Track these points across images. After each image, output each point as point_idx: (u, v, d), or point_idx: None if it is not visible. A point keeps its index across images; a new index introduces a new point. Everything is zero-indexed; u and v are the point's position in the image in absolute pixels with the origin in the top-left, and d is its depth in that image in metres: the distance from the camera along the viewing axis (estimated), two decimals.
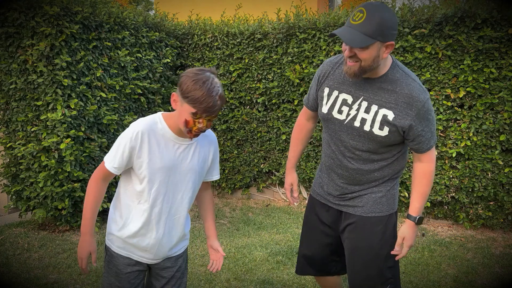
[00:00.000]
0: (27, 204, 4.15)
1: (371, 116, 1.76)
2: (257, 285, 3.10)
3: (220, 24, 5.34)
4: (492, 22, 4.00)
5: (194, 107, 1.52)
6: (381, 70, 1.74)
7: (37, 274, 3.24)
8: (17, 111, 4.06)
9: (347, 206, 1.95)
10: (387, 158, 1.86)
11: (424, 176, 1.84)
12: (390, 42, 1.63)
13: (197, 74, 1.53)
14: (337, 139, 1.89)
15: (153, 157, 1.61)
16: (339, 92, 1.84)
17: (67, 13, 3.88)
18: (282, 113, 5.09)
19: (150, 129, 1.62)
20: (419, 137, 1.77)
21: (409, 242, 1.85)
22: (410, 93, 1.71)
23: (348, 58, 1.67)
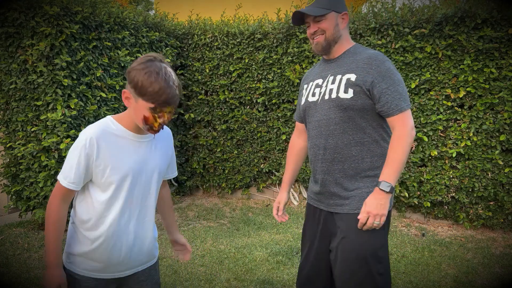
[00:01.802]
0: (27, 204, 4.15)
1: (336, 84, 1.83)
2: (257, 285, 3.10)
3: (220, 24, 5.34)
4: (492, 22, 4.00)
5: (153, 102, 1.38)
6: (344, 46, 1.90)
7: (37, 274, 3.24)
8: (17, 111, 4.06)
9: (335, 205, 1.87)
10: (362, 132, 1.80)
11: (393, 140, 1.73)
12: (344, 12, 1.88)
13: (148, 65, 1.39)
14: (314, 122, 1.91)
15: (116, 161, 1.46)
16: (312, 81, 1.98)
17: (67, 13, 3.88)
18: (282, 113, 5.08)
19: (105, 132, 1.46)
20: (384, 95, 1.74)
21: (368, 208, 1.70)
22: (369, 55, 1.80)
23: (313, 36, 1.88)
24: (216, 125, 5.46)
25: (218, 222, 4.61)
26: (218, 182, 5.59)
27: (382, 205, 1.70)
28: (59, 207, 1.48)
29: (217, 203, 5.35)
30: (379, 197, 1.71)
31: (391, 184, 1.70)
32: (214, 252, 3.71)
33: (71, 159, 1.44)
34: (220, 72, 5.34)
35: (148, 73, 1.37)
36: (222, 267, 3.39)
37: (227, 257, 3.61)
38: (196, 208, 5.14)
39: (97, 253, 1.52)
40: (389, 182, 1.70)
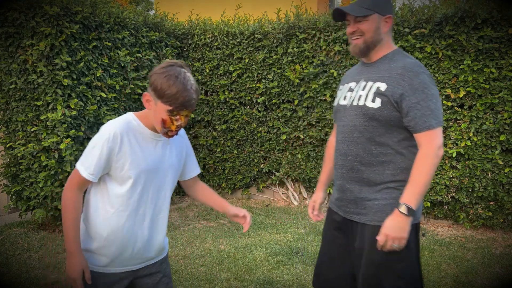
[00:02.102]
0: (27, 204, 4.14)
1: (366, 91, 1.75)
2: (257, 285, 3.10)
3: (220, 24, 5.34)
4: (492, 22, 4.00)
5: (170, 104, 1.44)
6: (383, 51, 1.79)
7: (37, 274, 3.24)
8: (17, 111, 4.06)
9: (352, 213, 1.81)
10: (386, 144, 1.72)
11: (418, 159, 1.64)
12: (388, 15, 1.76)
13: (168, 69, 1.46)
14: (341, 127, 1.84)
15: (135, 157, 1.52)
16: (347, 83, 1.90)
17: (67, 13, 3.88)
18: (282, 113, 5.08)
19: (128, 128, 1.52)
20: (412, 110, 1.64)
21: (385, 230, 1.63)
22: (404, 65, 1.70)
23: (351, 36, 1.78)
24: (216, 125, 5.46)
25: (218, 222, 4.62)
26: (218, 182, 5.59)
27: (401, 228, 1.61)
28: (76, 195, 1.51)
29: None
30: (398, 220, 1.62)
31: (411, 207, 1.61)
32: (214, 252, 3.71)
33: (93, 151, 1.48)
34: (220, 72, 5.34)
35: (167, 76, 1.43)
36: (222, 267, 3.39)
37: (227, 257, 3.61)
38: (196, 208, 5.14)
39: (111, 248, 1.55)
40: (410, 204, 1.61)
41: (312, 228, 4.38)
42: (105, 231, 1.54)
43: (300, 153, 5.07)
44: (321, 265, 1.98)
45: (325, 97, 4.82)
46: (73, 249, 1.50)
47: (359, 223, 1.78)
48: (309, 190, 5.27)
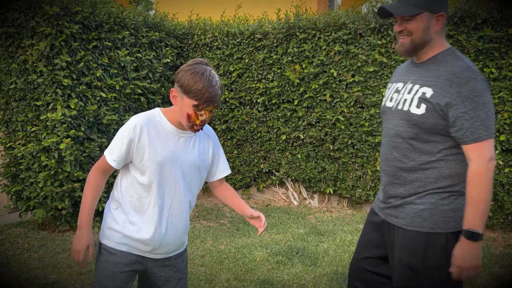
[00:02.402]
0: (27, 204, 4.14)
1: (411, 95, 1.65)
2: (257, 285, 3.10)
3: (220, 24, 5.35)
4: (492, 22, 4.00)
5: (196, 99, 1.52)
6: (433, 51, 1.66)
7: (37, 274, 3.24)
8: (17, 111, 4.06)
9: (390, 215, 1.75)
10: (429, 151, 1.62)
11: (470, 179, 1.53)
12: (441, 13, 1.62)
13: (194, 67, 1.54)
14: (386, 130, 1.77)
15: (153, 148, 1.61)
16: (395, 83, 1.81)
17: (67, 13, 3.88)
18: (282, 113, 5.09)
19: (149, 122, 1.62)
20: (460, 120, 1.52)
21: (457, 261, 1.53)
22: (453, 70, 1.55)
23: (398, 35, 1.67)
24: (216, 125, 5.46)
25: (218, 222, 4.62)
26: None
27: (474, 256, 1.51)
28: (98, 177, 1.66)
29: (217, 203, 5.35)
30: (468, 248, 1.51)
31: (478, 232, 1.50)
32: (214, 252, 3.71)
33: (117, 140, 1.62)
34: (220, 72, 5.34)
35: (194, 73, 1.52)
36: (222, 267, 3.39)
37: (227, 257, 3.61)
38: (196, 208, 5.14)
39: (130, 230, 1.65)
40: (476, 229, 1.50)
41: (312, 228, 4.38)
42: (127, 214, 1.66)
43: (300, 153, 5.07)
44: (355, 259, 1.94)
45: (325, 97, 4.82)
46: (84, 223, 1.64)
47: (396, 226, 1.72)
48: (309, 190, 5.27)
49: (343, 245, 3.92)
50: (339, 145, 4.86)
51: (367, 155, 4.74)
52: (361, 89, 4.65)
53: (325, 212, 4.95)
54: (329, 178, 5.00)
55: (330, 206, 5.18)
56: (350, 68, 4.66)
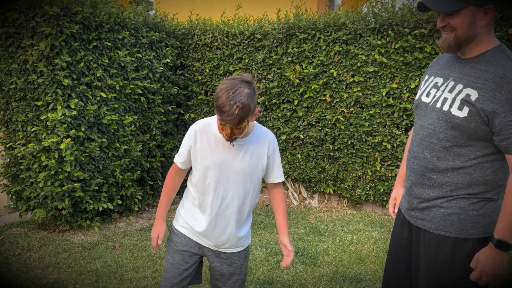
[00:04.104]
0: (27, 204, 4.15)
1: (453, 94, 1.52)
2: (257, 285, 3.10)
3: (220, 24, 5.35)
4: None
5: (218, 115, 1.59)
6: (480, 47, 1.53)
7: (37, 274, 3.24)
8: (17, 111, 4.06)
9: (416, 218, 1.69)
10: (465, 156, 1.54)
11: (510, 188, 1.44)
12: (489, 6, 1.46)
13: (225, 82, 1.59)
14: (419, 126, 1.67)
15: (204, 153, 1.77)
16: (434, 76, 1.68)
17: (67, 13, 3.89)
18: (282, 113, 5.09)
19: (203, 129, 1.78)
20: (507, 129, 1.40)
21: (482, 266, 1.48)
22: (504, 73, 1.42)
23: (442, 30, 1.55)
24: None
25: None
26: None
27: (498, 264, 1.46)
28: (173, 177, 1.93)
29: None
30: (494, 256, 1.46)
31: (509, 242, 1.43)
32: None
33: (183, 145, 1.84)
34: (220, 72, 5.34)
35: (221, 89, 1.57)
36: None
37: None
38: None
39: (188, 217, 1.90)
40: (507, 239, 1.44)
41: (312, 228, 4.38)
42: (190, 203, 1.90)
43: (300, 153, 5.07)
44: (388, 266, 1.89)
45: (325, 97, 4.83)
46: (159, 215, 1.95)
47: (422, 229, 1.66)
48: (308, 190, 5.27)
49: (343, 245, 3.92)
50: (339, 145, 4.86)
51: (367, 155, 4.74)
52: (361, 89, 4.65)
53: (325, 212, 4.95)
54: (329, 178, 5.00)
55: (330, 206, 5.18)
56: (350, 68, 4.67)
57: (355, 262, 3.54)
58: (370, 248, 3.86)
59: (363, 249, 3.84)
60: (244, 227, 1.92)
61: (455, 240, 1.57)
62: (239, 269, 1.93)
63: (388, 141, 4.58)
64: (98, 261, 3.50)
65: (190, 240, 1.90)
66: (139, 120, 4.80)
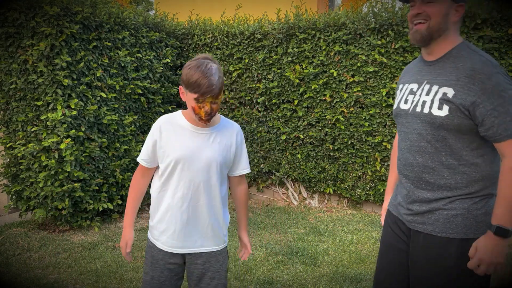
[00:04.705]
0: (27, 204, 4.15)
1: (431, 96, 1.56)
2: (257, 285, 3.10)
3: (220, 24, 5.35)
4: (492, 22, 4.00)
5: (195, 92, 1.61)
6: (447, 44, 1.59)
7: (37, 274, 3.24)
8: (17, 111, 4.06)
9: (415, 222, 1.66)
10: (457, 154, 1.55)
11: (503, 173, 1.46)
12: (461, 3, 1.55)
13: (191, 62, 1.65)
14: (404, 134, 1.69)
15: (172, 146, 1.73)
16: (408, 84, 1.72)
17: (67, 13, 3.89)
18: (282, 113, 5.09)
19: (168, 121, 1.76)
20: (489, 118, 1.44)
21: (480, 254, 1.47)
22: (472, 66, 1.48)
23: (414, 19, 1.59)
24: None
25: None
26: None
27: (498, 252, 1.45)
28: (137, 180, 1.85)
29: None
30: (494, 244, 1.44)
31: (509, 228, 1.43)
32: None
33: (145, 142, 1.80)
34: None
35: (190, 67, 1.63)
36: None
37: None
38: None
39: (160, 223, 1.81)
40: (506, 225, 1.43)
41: (312, 228, 4.38)
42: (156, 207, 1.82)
43: (300, 153, 5.07)
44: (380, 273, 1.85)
45: (325, 97, 4.83)
46: (126, 223, 1.88)
47: (423, 233, 1.63)
48: (308, 190, 5.27)
49: (343, 245, 3.92)
50: (339, 145, 4.86)
51: (367, 155, 4.74)
52: (361, 89, 4.65)
53: (325, 212, 4.95)
54: (329, 178, 5.00)
55: (330, 206, 5.18)
56: (350, 68, 4.67)
57: (355, 262, 3.54)
58: (370, 248, 3.86)
59: (363, 249, 3.84)
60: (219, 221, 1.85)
61: (460, 241, 1.56)
62: (218, 273, 1.85)
63: (388, 141, 4.58)
64: (98, 261, 3.50)
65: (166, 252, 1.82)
66: (139, 120, 4.80)
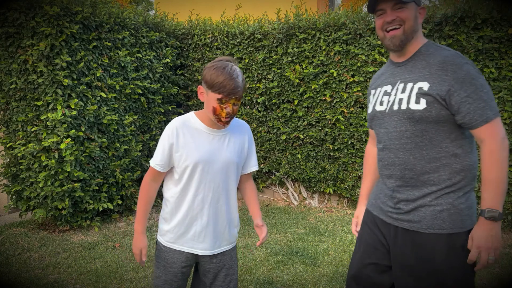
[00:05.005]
0: (27, 204, 4.15)
1: (407, 93, 1.62)
2: (257, 285, 3.10)
3: (220, 24, 5.35)
4: (492, 22, 4.00)
5: (219, 92, 1.64)
6: (417, 44, 1.69)
7: (37, 274, 3.24)
8: (17, 111, 4.06)
9: (401, 220, 1.67)
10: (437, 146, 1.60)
11: (485, 158, 1.51)
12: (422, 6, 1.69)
13: (216, 63, 1.68)
14: (383, 134, 1.73)
15: (190, 149, 1.73)
16: (381, 87, 1.79)
17: (67, 13, 3.89)
18: (282, 113, 5.09)
19: (183, 124, 1.76)
20: (464, 105, 1.51)
21: (477, 242, 1.49)
22: (443, 59, 1.57)
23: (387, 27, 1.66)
24: None
25: None
26: None
27: (493, 236, 1.48)
28: (149, 185, 1.81)
29: None
30: (488, 228, 1.48)
31: (497, 210, 1.47)
32: None
33: (159, 146, 1.76)
34: None
35: (215, 68, 1.65)
36: None
37: None
38: None
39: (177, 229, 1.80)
40: (495, 208, 1.47)
41: (312, 228, 4.38)
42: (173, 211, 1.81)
43: (300, 153, 5.07)
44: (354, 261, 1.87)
45: (325, 97, 4.83)
46: (139, 229, 1.82)
47: (410, 231, 1.64)
48: (308, 190, 5.27)
49: (343, 245, 3.92)
50: (339, 145, 4.86)
51: None
52: (361, 89, 4.65)
53: (325, 212, 4.95)
54: (329, 178, 5.00)
55: (330, 206, 5.18)
56: (350, 68, 4.67)
57: None
58: None
59: None
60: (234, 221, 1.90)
61: (448, 236, 1.58)
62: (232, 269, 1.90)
63: None
64: (98, 261, 3.51)
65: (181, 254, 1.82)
66: (139, 120, 4.80)
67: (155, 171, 1.79)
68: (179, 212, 1.80)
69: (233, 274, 1.90)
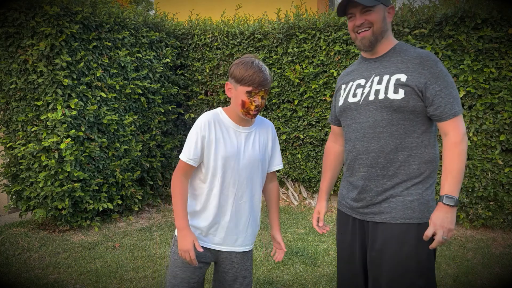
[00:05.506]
0: (27, 204, 4.15)
1: (384, 84, 1.71)
2: (257, 285, 3.10)
3: (220, 24, 5.35)
4: (492, 22, 4.00)
5: (249, 85, 1.69)
6: (389, 43, 1.78)
7: (37, 274, 3.24)
8: (17, 111, 4.06)
9: (372, 214, 1.74)
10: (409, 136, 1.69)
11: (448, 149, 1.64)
12: (391, 5, 1.78)
13: (243, 59, 1.74)
14: (357, 124, 1.78)
15: (219, 144, 1.75)
16: (353, 81, 1.85)
17: (67, 13, 3.89)
18: (282, 113, 5.09)
19: (215, 119, 1.78)
20: (437, 98, 1.63)
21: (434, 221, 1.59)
22: (419, 55, 1.68)
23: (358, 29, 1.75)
24: None
25: None
26: None
27: (448, 218, 1.59)
28: (182, 181, 1.77)
29: None
30: (444, 211, 1.59)
31: (454, 197, 1.59)
32: None
33: (190, 140, 1.76)
34: (220, 72, 5.34)
35: (244, 63, 1.72)
36: None
37: None
38: None
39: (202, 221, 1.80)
40: (453, 194, 1.59)
41: (312, 228, 4.38)
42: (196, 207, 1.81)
43: (300, 153, 5.07)
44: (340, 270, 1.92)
45: (325, 97, 4.83)
46: (183, 225, 1.74)
47: (380, 223, 1.70)
48: (309, 190, 5.27)
49: None
50: None
51: None
52: None
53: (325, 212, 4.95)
54: None
55: (330, 206, 5.18)
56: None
57: None
58: None
59: None
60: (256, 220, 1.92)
61: (417, 226, 1.66)
62: (248, 271, 1.92)
63: None
64: (98, 261, 3.50)
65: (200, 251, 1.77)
66: (139, 120, 4.80)
67: (187, 166, 1.75)
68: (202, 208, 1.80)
69: (250, 277, 1.93)
